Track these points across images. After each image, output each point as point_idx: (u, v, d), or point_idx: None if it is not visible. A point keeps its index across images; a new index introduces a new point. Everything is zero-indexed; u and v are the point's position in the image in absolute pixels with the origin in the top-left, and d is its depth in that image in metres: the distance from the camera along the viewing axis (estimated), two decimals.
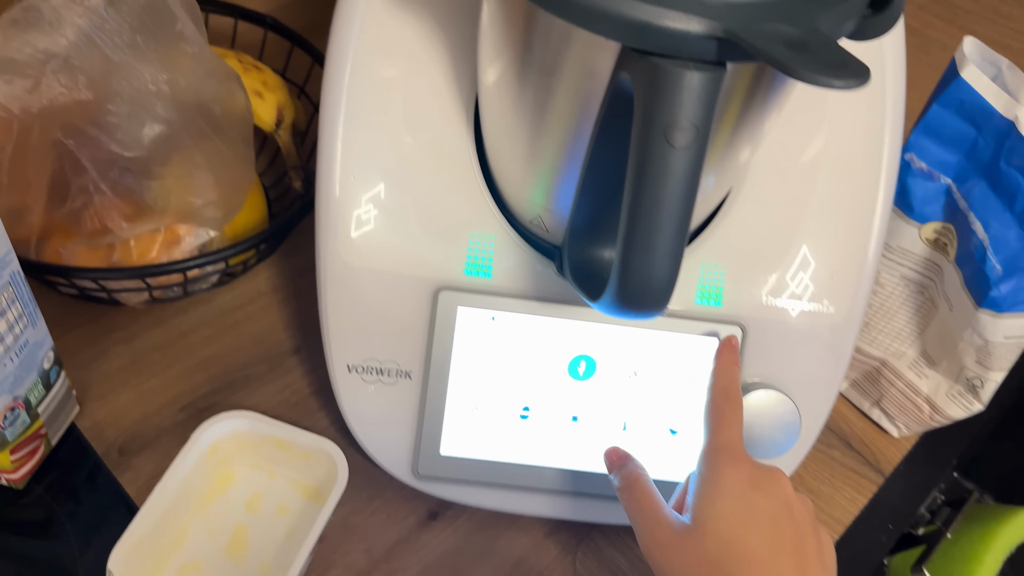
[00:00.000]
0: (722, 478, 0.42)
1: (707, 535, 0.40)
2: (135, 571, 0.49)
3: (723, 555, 0.40)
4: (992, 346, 0.55)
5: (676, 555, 0.41)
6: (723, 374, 0.48)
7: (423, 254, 0.52)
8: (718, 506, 0.41)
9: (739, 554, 0.40)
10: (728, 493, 0.42)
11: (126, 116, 0.50)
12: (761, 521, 0.41)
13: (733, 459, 0.43)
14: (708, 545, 0.40)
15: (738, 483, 0.42)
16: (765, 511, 0.41)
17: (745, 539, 0.40)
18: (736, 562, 0.39)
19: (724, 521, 0.41)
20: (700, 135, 0.34)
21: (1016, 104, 0.51)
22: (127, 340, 0.62)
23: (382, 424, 0.53)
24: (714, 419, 0.46)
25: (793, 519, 0.42)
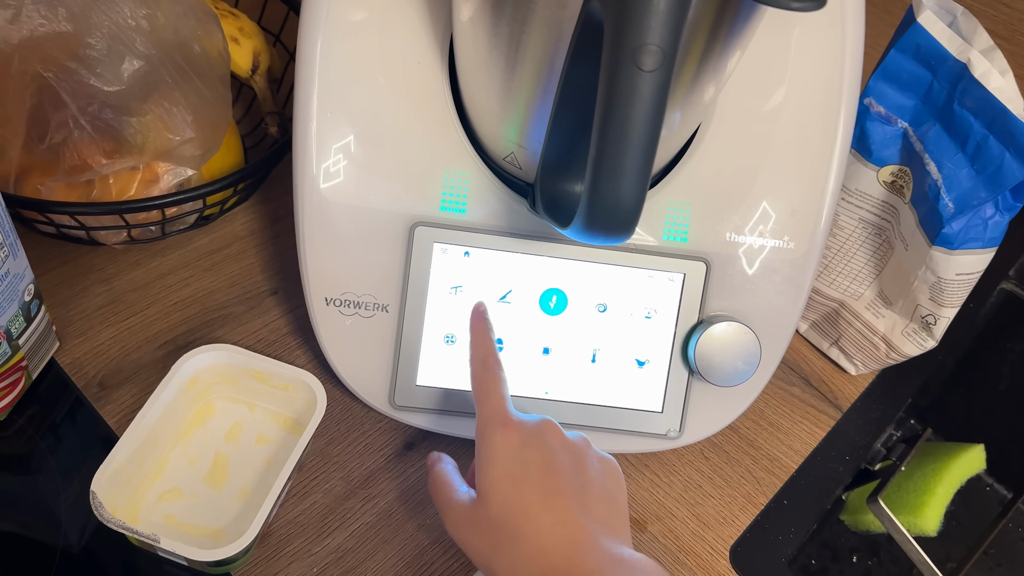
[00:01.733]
0: (493, 446, 0.44)
1: (489, 503, 0.42)
2: (117, 495, 0.50)
3: (503, 517, 0.42)
4: (945, 283, 0.58)
5: (470, 529, 0.43)
6: (478, 344, 0.49)
7: (399, 190, 0.53)
8: (493, 473, 0.43)
9: (516, 511, 0.42)
10: (500, 458, 0.43)
11: (106, 50, 0.50)
12: (532, 474, 0.43)
13: (501, 425, 0.44)
14: (491, 512, 0.42)
15: (508, 446, 0.43)
16: (536, 463, 0.43)
17: (519, 496, 0.42)
18: (515, 519, 0.41)
19: (500, 485, 0.43)
20: (667, 59, 0.36)
21: (969, 47, 0.53)
22: (106, 280, 0.63)
23: (360, 356, 0.55)
24: (477, 391, 0.47)
25: (567, 459, 0.44)
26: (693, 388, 0.56)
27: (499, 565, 0.41)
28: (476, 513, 0.43)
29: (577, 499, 0.42)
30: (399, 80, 0.52)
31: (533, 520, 0.41)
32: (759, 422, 0.64)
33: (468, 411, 0.56)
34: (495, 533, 0.42)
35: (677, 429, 0.57)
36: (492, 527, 0.42)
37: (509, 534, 0.41)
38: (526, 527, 0.41)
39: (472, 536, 0.43)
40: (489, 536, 0.42)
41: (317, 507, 0.55)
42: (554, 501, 0.42)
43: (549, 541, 0.41)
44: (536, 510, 0.42)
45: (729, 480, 0.60)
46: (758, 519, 0.59)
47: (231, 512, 0.53)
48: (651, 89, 0.36)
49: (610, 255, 0.55)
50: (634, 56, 0.36)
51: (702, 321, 0.55)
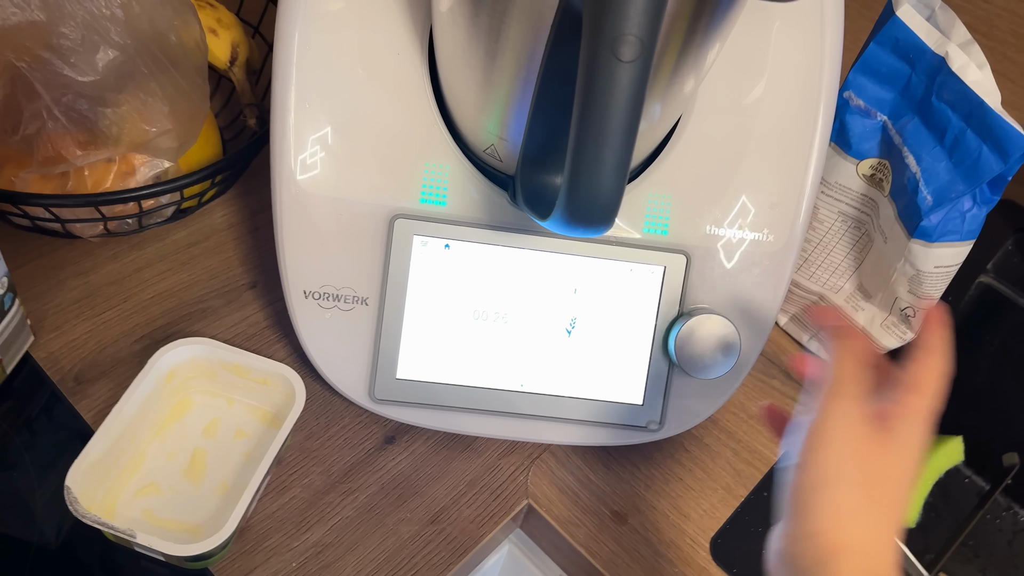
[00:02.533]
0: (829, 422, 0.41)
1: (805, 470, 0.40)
2: (93, 490, 0.50)
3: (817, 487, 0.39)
4: (923, 275, 0.58)
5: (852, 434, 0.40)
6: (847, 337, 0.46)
7: (378, 182, 0.53)
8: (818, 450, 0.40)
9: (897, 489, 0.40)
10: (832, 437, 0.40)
11: (80, 40, 0.50)
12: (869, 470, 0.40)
13: (840, 401, 0.41)
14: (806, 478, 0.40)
15: (844, 426, 0.40)
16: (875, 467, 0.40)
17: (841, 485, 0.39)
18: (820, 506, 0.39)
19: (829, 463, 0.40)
20: (646, 49, 0.36)
21: (947, 41, 0.54)
22: (81, 274, 0.62)
23: (339, 349, 0.55)
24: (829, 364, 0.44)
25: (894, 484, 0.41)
26: (674, 381, 0.56)
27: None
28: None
29: (889, 512, 0.40)
30: (378, 71, 0.52)
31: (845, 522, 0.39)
32: (739, 414, 0.64)
33: (449, 405, 0.55)
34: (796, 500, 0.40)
35: (658, 422, 0.57)
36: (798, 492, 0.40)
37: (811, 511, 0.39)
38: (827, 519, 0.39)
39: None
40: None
41: (296, 502, 0.54)
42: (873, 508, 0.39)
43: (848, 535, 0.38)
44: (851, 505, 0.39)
45: (710, 472, 0.60)
46: (738, 511, 0.59)
47: (209, 507, 0.52)
48: (630, 79, 0.36)
49: (591, 248, 0.54)
50: (612, 46, 0.35)
51: (683, 314, 0.55)
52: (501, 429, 0.56)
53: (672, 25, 0.41)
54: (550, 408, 0.56)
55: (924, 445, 0.42)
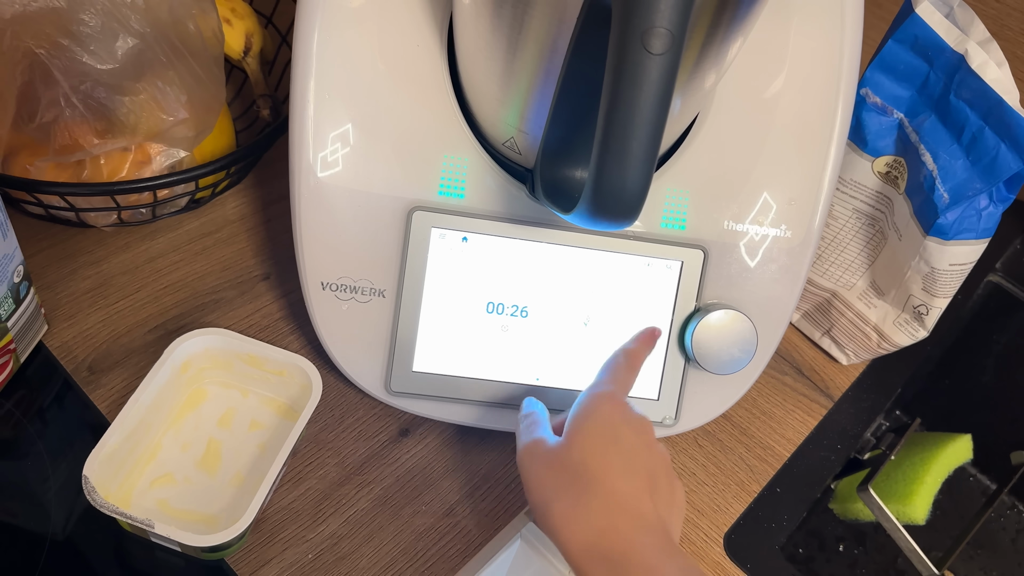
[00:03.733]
0: (597, 407, 0.45)
1: (572, 447, 0.43)
2: (109, 480, 0.50)
3: (583, 464, 0.43)
4: (938, 273, 0.59)
5: (543, 463, 0.44)
6: (638, 345, 0.51)
7: (397, 175, 0.52)
8: (587, 426, 0.44)
9: (597, 465, 0.42)
10: (599, 418, 0.45)
11: (99, 27, 0.49)
12: (621, 447, 0.44)
13: (611, 399, 0.46)
14: (573, 456, 0.43)
15: (609, 415, 0.45)
16: (626, 441, 0.44)
17: (604, 454, 0.43)
18: (594, 470, 0.42)
19: (590, 438, 0.44)
20: (676, 41, 0.35)
21: (966, 39, 0.54)
22: (95, 263, 0.62)
23: (355, 341, 0.54)
24: (611, 371, 0.49)
25: (652, 458, 0.45)
26: (689, 376, 0.57)
27: (559, 505, 0.42)
28: (557, 452, 0.44)
29: (651, 486, 0.43)
30: (397, 64, 0.52)
31: (609, 481, 0.42)
32: (752, 411, 0.64)
33: (465, 398, 0.55)
34: (568, 475, 0.42)
35: (673, 416, 0.57)
36: (568, 469, 0.43)
37: (584, 480, 0.42)
38: (603, 481, 0.42)
39: (543, 470, 0.44)
40: (561, 476, 0.43)
41: (312, 493, 0.54)
42: (632, 475, 0.43)
43: (616, 505, 0.41)
44: (615, 474, 0.42)
45: (723, 468, 0.61)
46: (751, 507, 0.59)
47: (224, 498, 0.52)
48: (659, 72, 0.36)
49: (608, 242, 0.54)
50: (643, 38, 0.35)
51: (699, 309, 0.55)
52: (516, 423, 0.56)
53: (698, 19, 0.41)
54: (565, 402, 0.56)
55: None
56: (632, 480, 0.42)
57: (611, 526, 0.40)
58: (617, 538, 0.40)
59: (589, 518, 0.41)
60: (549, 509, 0.42)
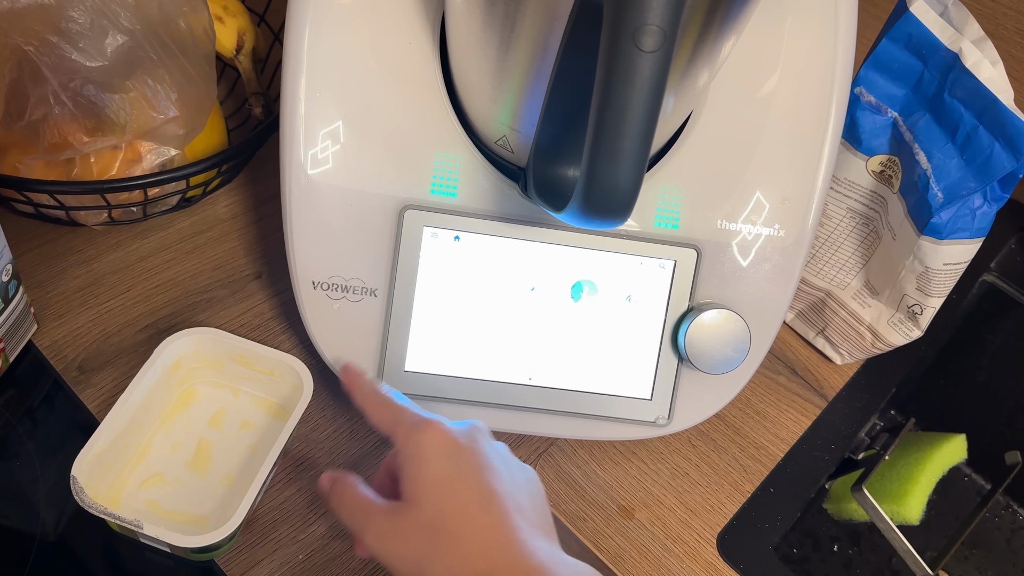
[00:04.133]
0: (423, 446, 0.41)
1: (421, 505, 0.40)
2: (99, 480, 0.49)
3: (439, 518, 0.39)
4: (932, 272, 0.58)
5: (398, 538, 0.40)
6: (360, 388, 0.47)
7: (388, 173, 0.52)
8: (424, 473, 0.40)
9: (452, 512, 0.39)
10: (432, 457, 0.41)
11: (89, 24, 0.49)
12: (467, 473, 0.41)
13: (426, 426, 0.42)
14: (424, 514, 0.40)
15: (439, 444, 0.41)
16: (469, 462, 0.41)
17: (455, 496, 0.40)
18: (452, 520, 0.39)
19: (434, 485, 0.40)
20: (668, 40, 0.35)
21: (960, 37, 0.54)
22: (85, 262, 0.62)
23: (347, 341, 0.54)
24: (383, 416, 0.44)
25: (496, 463, 0.42)
26: (682, 375, 0.56)
27: (435, 569, 0.39)
28: (404, 519, 0.40)
29: (512, 500, 0.40)
30: (389, 62, 0.52)
31: (472, 520, 0.39)
32: (745, 410, 0.64)
33: (457, 398, 0.55)
34: (429, 536, 0.39)
35: (666, 416, 0.57)
36: (425, 530, 0.39)
37: (447, 536, 0.39)
38: (464, 528, 0.39)
39: (401, 544, 0.40)
40: (421, 540, 0.39)
41: (303, 493, 0.54)
42: (491, 501, 0.40)
43: (491, 541, 0.39)
44: (475, 510, 0.39)
45: (716, 468, 0.60)
46: (745, 507, 0.59)
47: (215, 498, 0.52)
48: (651, 70, 0.36)
49: (601, 241, 0.54)
50: (635, 36, 0.35)
51: (692, 308, 0.55)
52: (508, 422, 0.56)
53: (690, 16, 0.40)
54: (558, 402, 0.56)
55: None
56: (493, 510, 0.40)
57: (496, 566, 0.38)
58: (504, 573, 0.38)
59: (471, 569, 0.38)
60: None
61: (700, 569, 0.55)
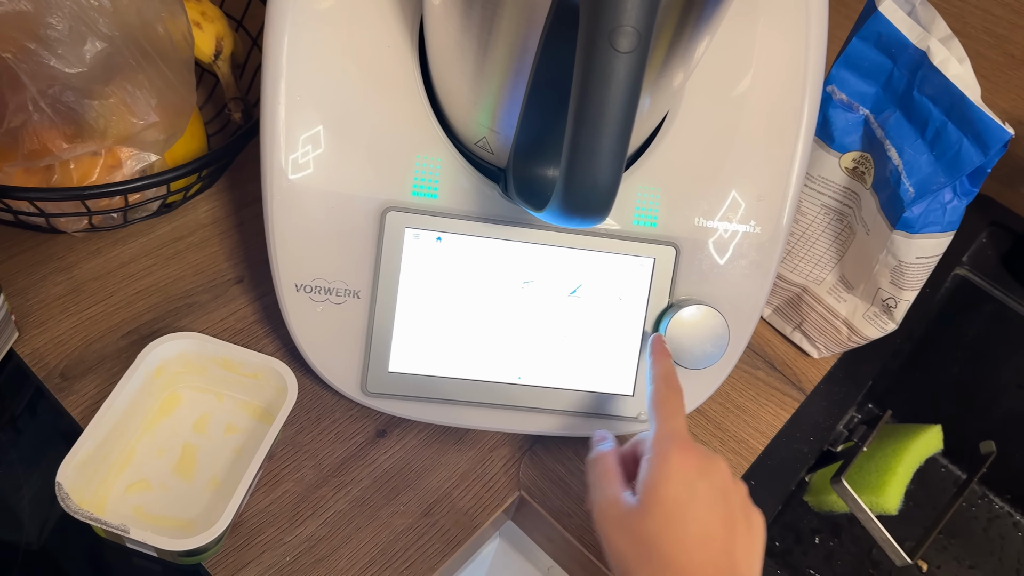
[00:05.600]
0: (669, 465, 0.44)
1: (648, 516, 0.43)
2: (83, 486, 0.49)
3: (659, 536, 0.43)
4: (905, 266, 0.60)
5: (622, 532, 0.44)
6: (660, 363, 0.51)
7: (370, 175, 0.53)
8: (662, 491, 0.44)
9: (673, 537, 0.42)
10: (674, 480, 0.44)
11: (67, 31, 0.49)
12: (700, 507, 0.43)
13: (681, 447, 0.45)
14: (649, 525, 0.43)
15: (684, 470, 0.44)
16: (704, 498, 0.44)
17: (681, 523, 0.43)
18: (670, 544, 0.42)
19: (666, 505, 0.43)
20: (643, 40, 0.36)
21: (928, 36, 0.55)
22: (65, 269, 0.62)
23: (331, 343, 0.54)
24: (661, 408, 0.48)
25: (728, 503, 0.44)
26: None
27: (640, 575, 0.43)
28: (633, 520, 0.43)
29: (728, 547, 0.43)
30: (368, 65, 0.52)
31: (687, 554, 0.42)
32: (726, 405, 0.65)
33: (442, 397, 0.55)
34: (645, 548, 0.43)
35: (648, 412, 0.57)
36: (645, 540, 0.43)
37: (660, 555, 0.42)
38: (679, 557, 0.42)
39: (622, 539, 0.44)
40: (639, 548, 0.43)
41: (289, 496, 0.54)
42: (710, 542, 0.43)
43: (696, 574, 0.42)
44: (693, 545, 0.42)
45: None
46: None
47: (201, 503, 0.52)
48: (627, 70, 0.36)
49: (581, 240, 0.55)
50: (610, 37, 0.36)
51: (672, 305, 0.56)
52: (493, 421, 0.57)
53: (664, 17, 0.41)
54: (541, 400, 0.56)
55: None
56: (709, 551, 0.43)
57: None
58: None
59: None
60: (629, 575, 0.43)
61: None
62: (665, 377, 0.50)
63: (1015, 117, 0.83)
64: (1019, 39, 0.80)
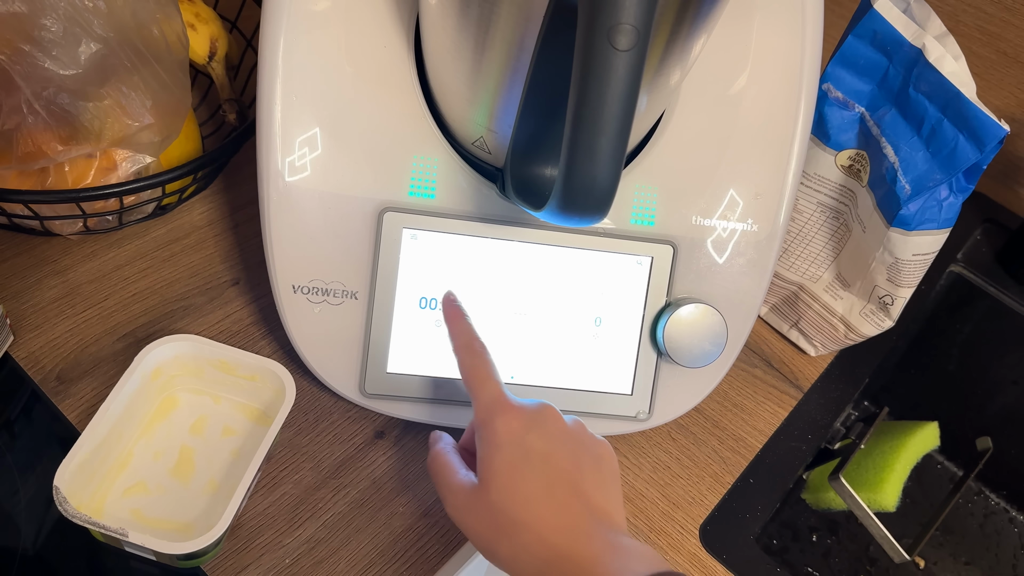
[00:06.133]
0: (496, 433, 0.44)
1: (491, 489, 0.43)
2: (81, 490, 0.49)
3: (505, 504, 0.42)
4: (902, 263, 0.60)
5: (471, 514, 0.43)
6: (458, 332, 0.49)
7: (367, 176, 0.52)
8: (496, 461, 0.43)
9: (518, 499, 0.42)
10: (503, 445, 0.43)
11: (62, 32, 0.49)
12: (534, 462, 0.43)
13: (502, 411, 0.44)
14: (493, 498, 0.42)
15: (510, 432, 0.43)
16: (538, 450, 0.43)
17: (522, 484, 0.42)
18: (516, 507, 0.42)
19: (503, 473, 0.43)
20: (642, 38, 0.36)
21: (923, 33, 0.55)
22: (60, 272, 0.61)
23: (329, 344, 0.54)
24: (471, 379, 0.46)
25: (566, 446, 0.44)
26: (661, 370, 0.57)
27: (501, 550, 0.42)
28: (478, 498, 0.43)
29: (576, 487, 0.43)
30: (364, 66, 0.52)
31: (534, 509, 0.42)
32: (724, 403, 0.65)
33: (440, 398, 0.55)
34: (497, 520, 0.42)
35: (646, 411, 0.57)
36: (494, 513, 0.42)
37: (511, 521, 0.42)
38: (527, 515, 0.41)
39: (473, 520, 0.43)
40: (491, 522, 0.42)
41: (287, 498, 0.54)
42: (555, 490, 0.42)
43: (550, 529, 0.41)
44: (537, 499, 0.42)
45: (696, 460, 0.61)
46: (725, 498, 0.60)
47: (199, 505, 0.52)
48: (626, 68, 0.36)
49: (579, 239, 0.55)
50: (609, 35, 0.36)
51: (670, 304, 0.56)
52: None
53: (662, 15, 0.41)
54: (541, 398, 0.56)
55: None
56: (556, 499, 0.42)
57: (554, 555, 0.40)
58: (565, 564, 0.40)
59: (531, 555, 0.41)
60: (494, 556, 0.42)
61: (684, 560, 0.56)
62: (466, 346, 0.48)
63: (1008, 115, 0.83)
64: (1012, 37, 0.80)
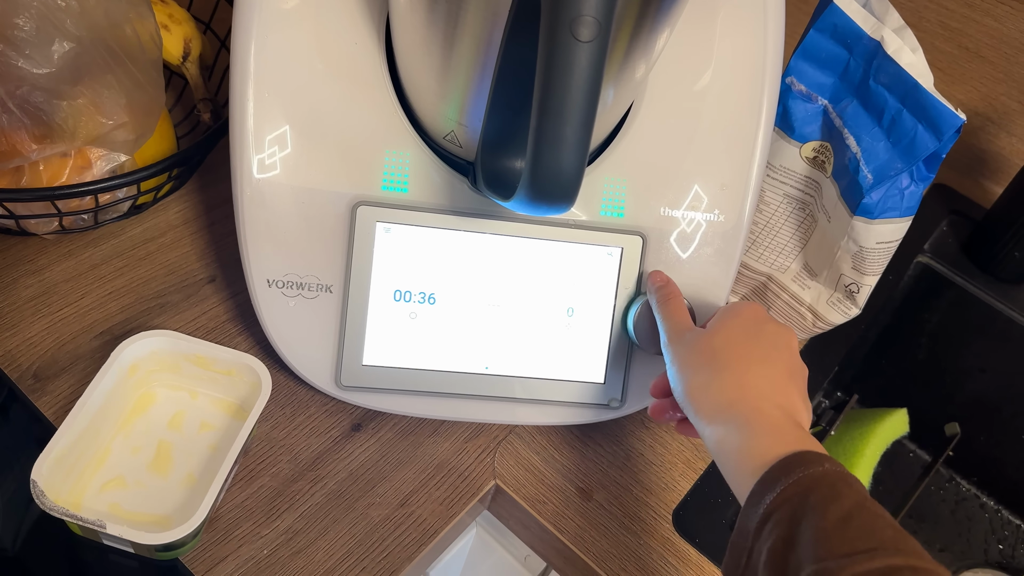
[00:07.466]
0: (742, 308, 0.50)
1: (716, 336, 0.48)
2: (59, 484, 0.49)
3: (723, 349, 0.47)
4: (866, 252, 0.61)
5: (687, 346, 0.49)
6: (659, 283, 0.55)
7: (340, 171, 0.53)
8: (731, 322, 0.49)
9: (736, 351, 0.47)
10: (743, 316, 0.49)
11: (35, 31, 0.49)
12: (763, 341, 0.48)
13: (751, 305, 0.51)
14: (715, 341, 0.48)
15: (754, 314, 0.50)
16: (769, 337, 0.48)
17: (745, 344, 0.48)
18: (732, 354, 0.47)
19: (733, 330, 0.48)
20: (603, 29, 0.37)
21: (882, 26, 0.56)
22: (36, 272, 0.62)
23: (304, 337, 0.55)
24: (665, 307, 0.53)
25: (791, 347, 0.49)
26: (634, 359, 0.58)
27: (699, 377, 0.47)
28: (699, 337, 0.49)
29: (792, 375, 0.47)
30: (336, 62, 0.53)
31: (746, 362, 0.46)
32: None
33: (416, 389, 0.56)
34: (708, 357, 0.47)
35: (619, 399, 0.58)
36: (708, 351, 0.47)
37: (721, 362, 0.47)
38: (738, 363, 0.46)
39: (686, 352, 0.49)
40: (701, 357, 0.47)
41: (265, 490, 0.54)
42: (770, 365, 0.47)
43: (751, 380, 0.46)
44: (754, 359, 0.47)
45: (669, 447, 0.62)
46: (698, 484, 0.61)
47: (177, 499, 0.52)
48: (588, 59, 0.38)
49: (550, 231, 0.56)
50: (571, 27, 0.37)
51: (640, 293, 0.57)
52: (467, 412, 0.57)
53: (624, 8, 0.42)
54: (515, 389, 0.57)
55: None
56: (767, 369, 0.46)
57: (741, 398, 0.45)
58: (744, 406, 0.44)
59: (722, 390, 0.45)
60: (687, 384, 0.47)
61: (657, 545, 0.57)
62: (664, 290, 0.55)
63: (971, 108, 0.85)
64: (973, 32, 0.82)
